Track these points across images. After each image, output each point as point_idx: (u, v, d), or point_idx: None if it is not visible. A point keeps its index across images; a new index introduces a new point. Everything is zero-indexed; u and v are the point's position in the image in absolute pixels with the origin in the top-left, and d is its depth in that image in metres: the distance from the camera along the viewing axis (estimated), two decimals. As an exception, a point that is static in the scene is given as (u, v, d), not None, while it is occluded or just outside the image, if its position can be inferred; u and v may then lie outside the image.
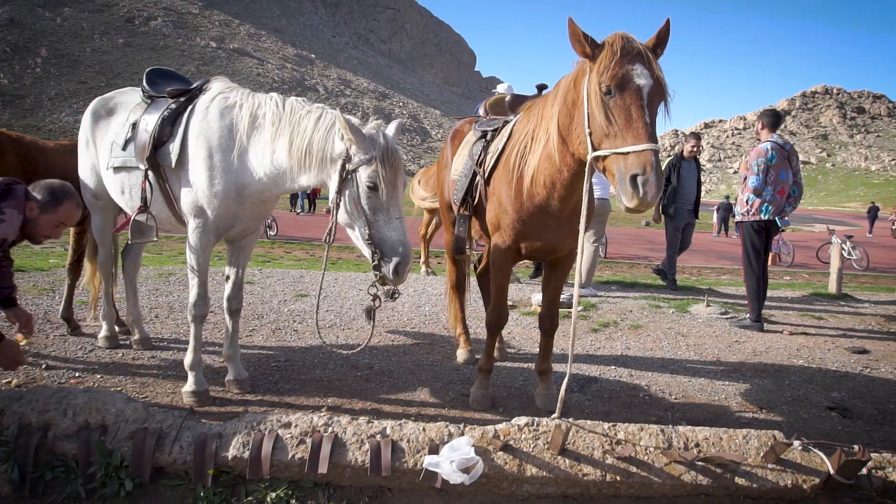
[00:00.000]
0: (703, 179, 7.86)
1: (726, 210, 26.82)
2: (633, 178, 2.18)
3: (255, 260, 10.96)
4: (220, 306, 4.00)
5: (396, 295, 2.92)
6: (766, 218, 5.67)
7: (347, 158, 2.72)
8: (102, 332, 4.24)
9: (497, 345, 4.36)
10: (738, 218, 5.93)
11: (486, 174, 3.32)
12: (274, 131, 2.99)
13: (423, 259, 8.72)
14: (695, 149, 8.10)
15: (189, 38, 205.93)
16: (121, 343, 4.31)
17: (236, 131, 3.08)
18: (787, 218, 5.73)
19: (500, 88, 6.74)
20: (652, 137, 2.21)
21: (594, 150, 2.38)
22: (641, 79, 2.28)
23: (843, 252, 16.20)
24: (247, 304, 5.87)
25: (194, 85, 3.44)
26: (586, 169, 2.45)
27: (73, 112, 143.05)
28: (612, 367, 4.43)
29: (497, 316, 3.41)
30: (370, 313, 2.95)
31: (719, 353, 4.95)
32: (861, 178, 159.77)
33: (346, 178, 2.73)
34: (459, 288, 4.46)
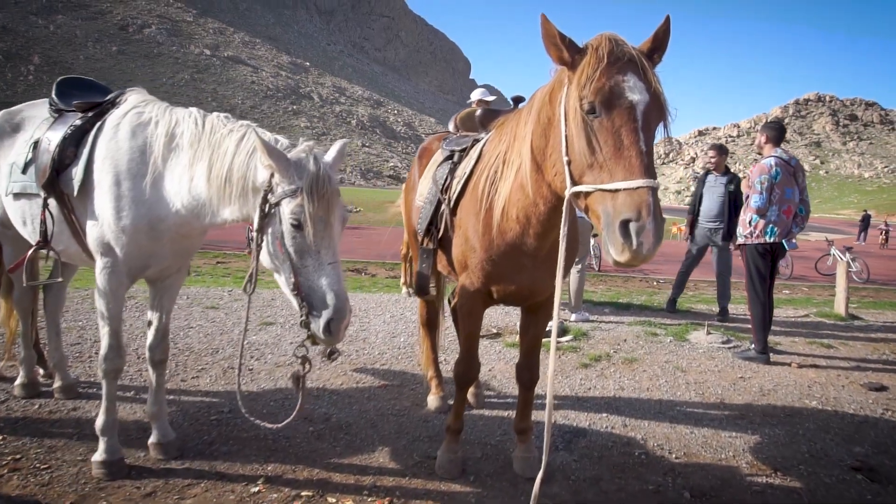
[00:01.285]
0: (721, 193, 6.96)
1: (722, 219, 26.39)
2: (625, 224, 1.67)
3: (234, 276, 10.44)
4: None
5: (336, 355, 2.39)
6: (772, 240, 5.18)
7: (270, 189, 2.21)
8: (19, 380, 3.70)
9: (472, 389, 3.84)
10: (740, 240, 5.44)
11: (452, 202, 2.80)
12: (192, 154, 2.48)
13: (402, 280, 8.20)
14: (712, 161, 7.36)
15: (183, 45, 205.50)
16: (42, 391, 3.77)
17: (150, 153, 2.56)
18: (794, 240, 5.24)
19: (474, 95, 6.22)
20: (649, 171, 1.71)
21: (573, 183, 1.88)
22: (635, 93, 1.78)
23: (840, 261, 15.93)
24: (204, 334, 5.35)
25: (107, 97, 2.92)
26: (564, 205, 1.95)
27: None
28: (604, 413, 3.91)
29: (466, 367, 2.89)
30: (298, 381, 2.42)
31: (723, 393, 4.45)
32: (854, 185, 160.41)
33: (268, 214, 2.22)
34: (431, 325, 3.94)
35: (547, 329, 5.53)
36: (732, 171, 7.43)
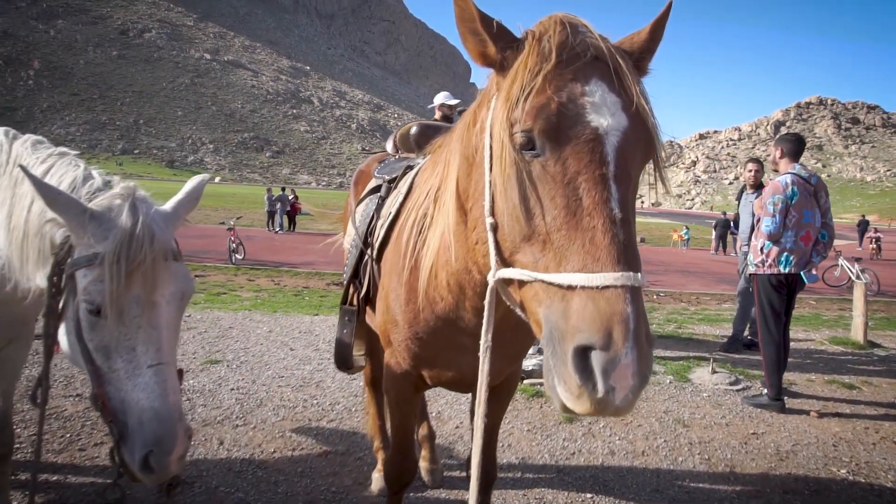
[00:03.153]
0: (752, 211, 5.89)
1: (724, 226, 25.63)
2: (583, 352, 0.98)
3: (209, 292, 9.75)
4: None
5: (178, 489, 1.68)
6: (787, 271, 4.47)
7: (67, 253, 1.51)
8: None
9: (426, 465, 3.13)
10: (751, 269, 4.73)
11: (376, 251, 2.10)
12: None
13: None
14: (752, 174, 6.48)
15: (183, 50, 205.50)
16: None
17: None
18: (814, 272, 4.51)
19: (437, 99, 5.32)
20: (627, 254, 1.03)
21: (501, 264, 1.20)
22: (603, 115, 1.10)
23: (850, 274, 15.21)
24: (134, 378, 4.63)
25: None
26: (487, 297, 1.27)
27: (65, 124, 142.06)
28: (589, 494, 3.20)
29: (398, 470, 2.19)
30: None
31: (733, 457, 3.73)
32: (857, 188, 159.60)
33: (62, 290, 1.52)
34: (378, 386, 3.24)
35: (530, 368, 4.79)
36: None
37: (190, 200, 1.68)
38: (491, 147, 1.21)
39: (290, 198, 26.73)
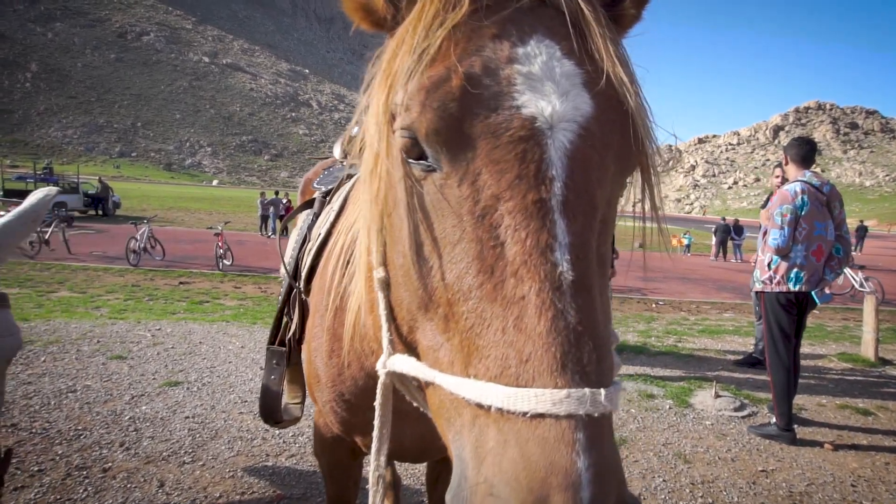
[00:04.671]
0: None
1: (724, 232, 25.28)
2: None
3: (191, 300, 9.35)
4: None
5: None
6: (797, 289, 4.06)
7: None
8: None
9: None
10: (757, 286, 4.32)
11: (303, 280, 1.68)
12: None
13: None
14: (779, 180, 5.96)
15: (182, 53, 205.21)
16: None
17: None
18: (828, 291, 4.10)
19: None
20: (579, 355, 0.61)
21: (396, 345, 0.81)
22: (544, 95, 0.70)
23: (853, 282, 14.81)
24: (82, 404, 4.23)
25: None
26: (378, 388, 0.86)
27: (62, 127, 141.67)
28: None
29: None
30: None
31: (741, 502, 3.32)
32: (856, 193, 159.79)
33: None
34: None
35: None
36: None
37: (23, 223, 1.27)
38: (367, 157, 0.81)
39: (284, 202, 26.35)
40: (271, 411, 1.96)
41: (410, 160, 0.72)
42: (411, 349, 0.78)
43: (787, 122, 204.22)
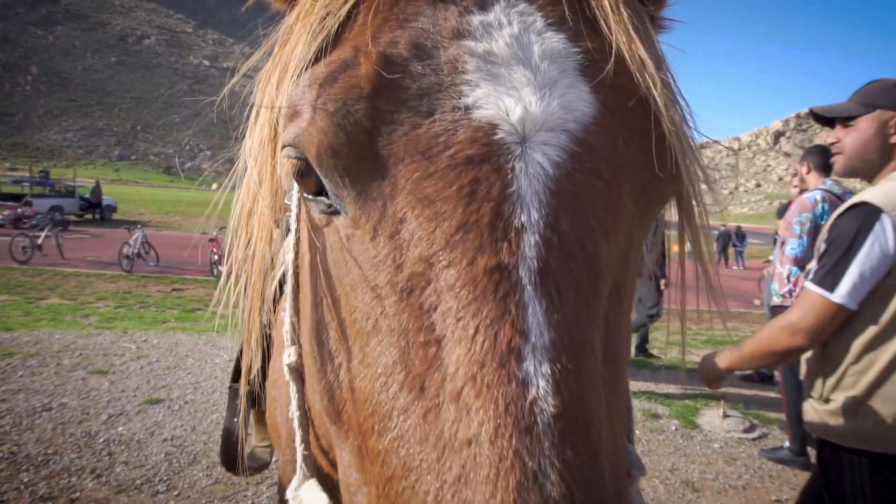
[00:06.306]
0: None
1: (726, 238, 25.10)
2: None
3: (183, 307, 9.17)
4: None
5: None
6: (816, 304, 3.83)
7: None
8: None
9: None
10: (775, 300, 4.10)
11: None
12: None
13: None
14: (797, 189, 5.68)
15: (182, 56, 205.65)
16: None
17: None
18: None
19: None
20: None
21: (304, 472, 0.64)
22: (510, 86, 0.45)
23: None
24: (55, 424, 4.00)
25: None
26: None
27: (62, 130, 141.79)
28: None
29: None
30: None
31: (755, 537, 3.09)
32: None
33: None
34: None
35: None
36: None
37: None
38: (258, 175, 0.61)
39: (282, 206, 26.18)
40: (234, 458, 1.73)
41: (305, 195, 0.50)
42: (335, 471, 0.56)
43: (787, 128, 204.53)
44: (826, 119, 2.02)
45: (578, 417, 0.39)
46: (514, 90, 0.45)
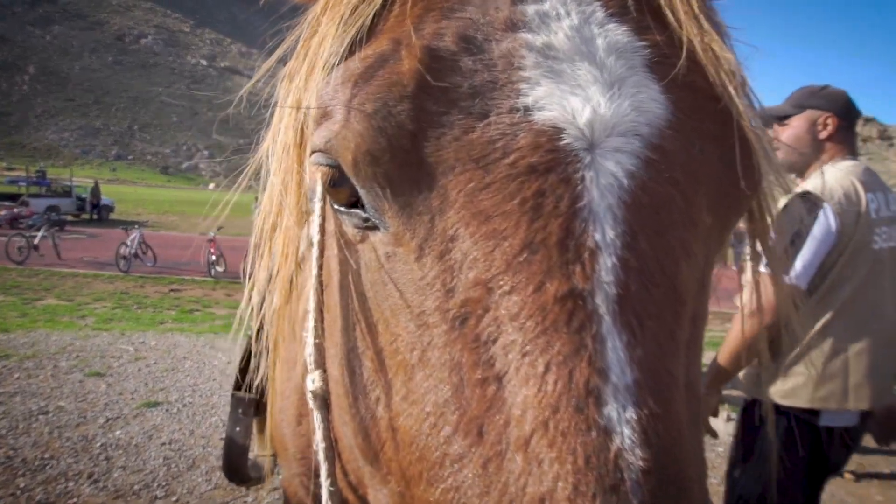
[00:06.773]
0: None
1: (724, 239, 25.16)
2: None
3: (181, 308, 9.12)
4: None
5: None
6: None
7: None
8: None
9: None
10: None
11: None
12: None
13: None
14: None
15: (180, 56, 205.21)
16: None
17: None
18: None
19: None
20: None
21: (340, 494, 0.53)
22: (570, 88, 0.39)
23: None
24: (52, 427, 3.95)
25: None
26: None
27: (59, 130, 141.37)
28: None
29: None
30: None
31: (761, 543, 3.05)
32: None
33: None
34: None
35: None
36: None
37: None
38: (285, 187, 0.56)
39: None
40: (236, 468, 1.68)
41: (337, 207, 0.45)
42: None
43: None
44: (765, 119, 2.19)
45: (671, 473, 0.35)
46: (580, 89, 0.40)
